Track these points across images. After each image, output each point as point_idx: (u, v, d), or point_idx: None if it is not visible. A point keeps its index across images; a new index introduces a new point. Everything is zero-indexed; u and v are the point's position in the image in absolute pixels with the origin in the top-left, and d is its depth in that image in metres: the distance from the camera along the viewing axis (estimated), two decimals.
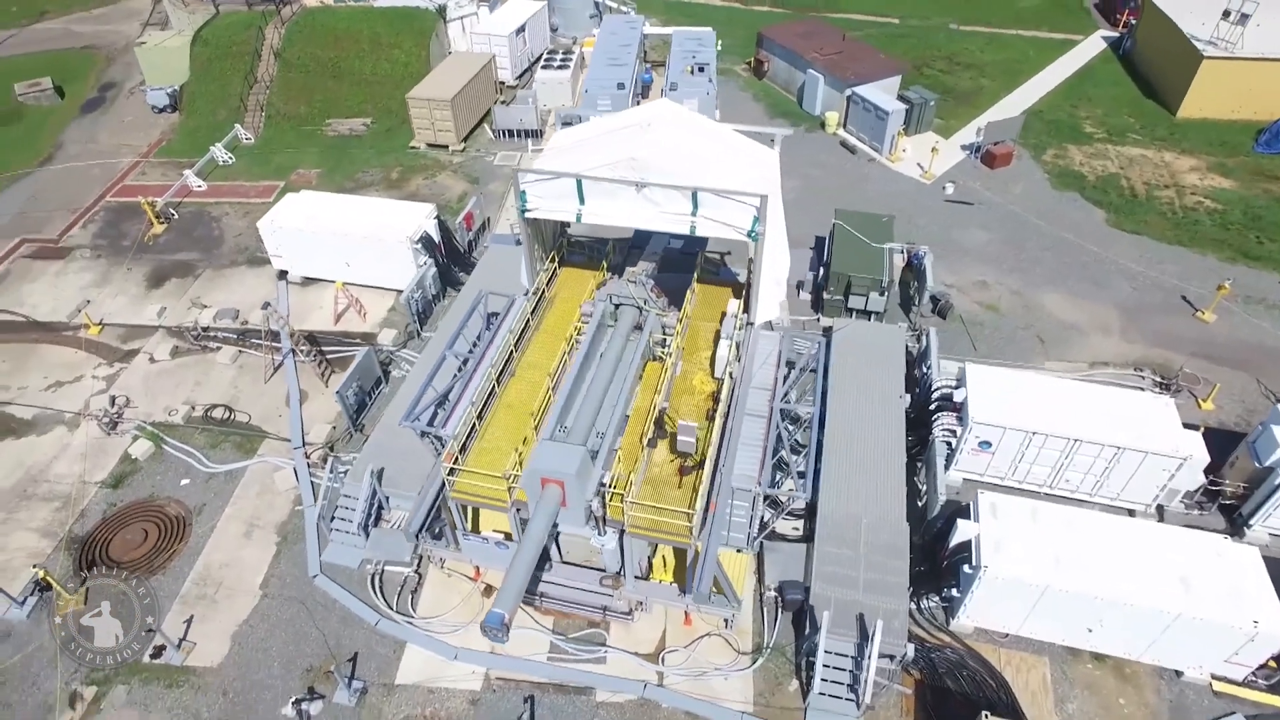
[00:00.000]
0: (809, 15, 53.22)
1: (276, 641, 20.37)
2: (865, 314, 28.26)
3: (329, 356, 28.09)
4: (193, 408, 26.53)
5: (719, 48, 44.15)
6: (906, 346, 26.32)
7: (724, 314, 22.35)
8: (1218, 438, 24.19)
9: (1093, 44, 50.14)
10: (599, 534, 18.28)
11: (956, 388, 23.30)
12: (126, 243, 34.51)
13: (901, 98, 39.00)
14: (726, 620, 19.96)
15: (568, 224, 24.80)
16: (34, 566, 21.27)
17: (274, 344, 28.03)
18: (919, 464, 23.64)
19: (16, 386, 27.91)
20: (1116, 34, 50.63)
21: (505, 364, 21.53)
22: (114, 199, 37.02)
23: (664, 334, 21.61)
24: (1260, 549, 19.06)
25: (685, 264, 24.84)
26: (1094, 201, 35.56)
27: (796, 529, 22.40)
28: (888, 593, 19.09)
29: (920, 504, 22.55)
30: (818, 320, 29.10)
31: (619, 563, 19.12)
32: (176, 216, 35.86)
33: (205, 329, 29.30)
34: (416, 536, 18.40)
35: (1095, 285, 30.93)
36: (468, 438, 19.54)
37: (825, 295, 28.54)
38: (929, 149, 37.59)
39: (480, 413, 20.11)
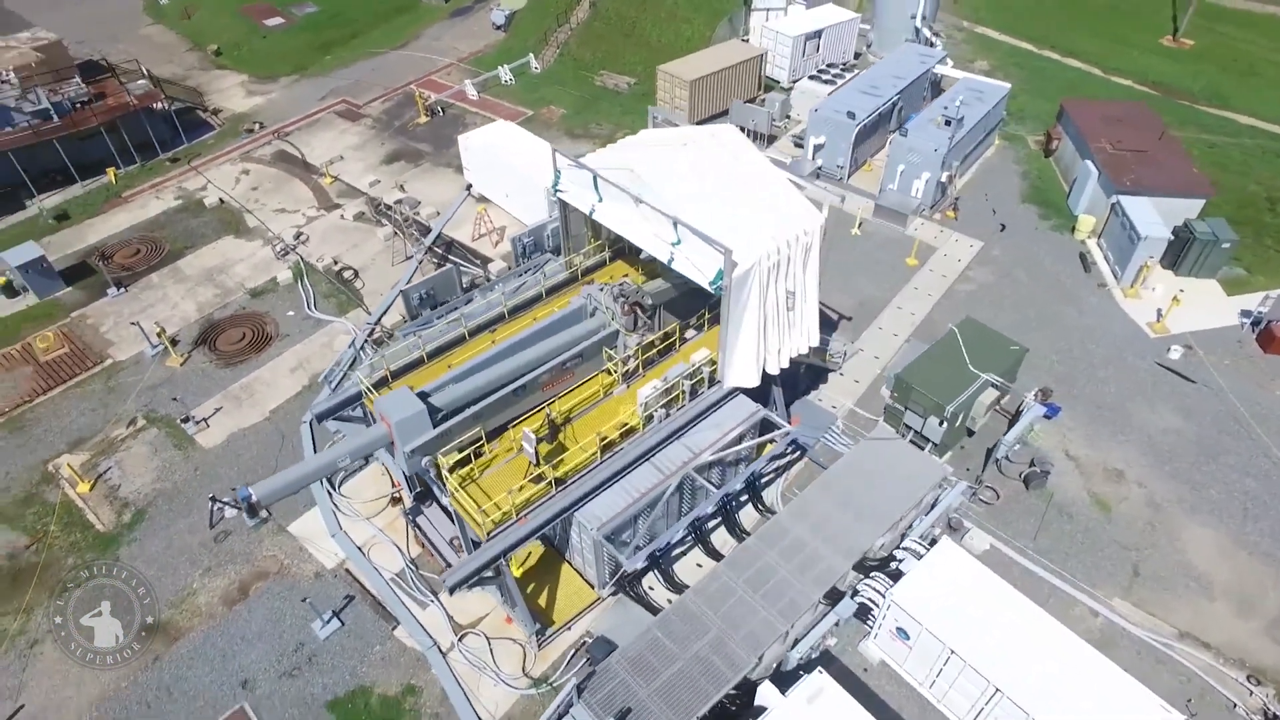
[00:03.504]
0: (1175, 100, 43.44)
1: (247, 454, 24.96)
2: (921, 439, 24.07)
3: (455, 263, 31.87)
4: (335, 261, 32.35)
5: (1002, 113, 38.56)
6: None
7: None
8: None
9: None
10: (443, 492, 19.24)
11: (920, 556, 19.32)
12: (397, 124, 42.03)
13: (1184, 225, 30.66)
14: (536, 639, 19.75)
15: None
16: (155, 323, 28.57)
17: (415, 235, 32.69)
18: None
19: (262, 202, 36.41)
20: None
21: (497, 321, 23.01)
22: (415, 87, 44.87)
23: (624, 351, 21.07)
24: None
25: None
26: None
27: (677, 599, 20.94)
28: (674, 708, 17.31)
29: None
30: (878, 422, 25.49)
31: None
32: (442, 115, 42.52)
33: (387, 206, 35.05)
34: (318, 420, 21.04)
35: None
36: (417, 365, 21.60)
37: (888, 400, 24.82)
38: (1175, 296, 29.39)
39: (439, 350, 21.95)
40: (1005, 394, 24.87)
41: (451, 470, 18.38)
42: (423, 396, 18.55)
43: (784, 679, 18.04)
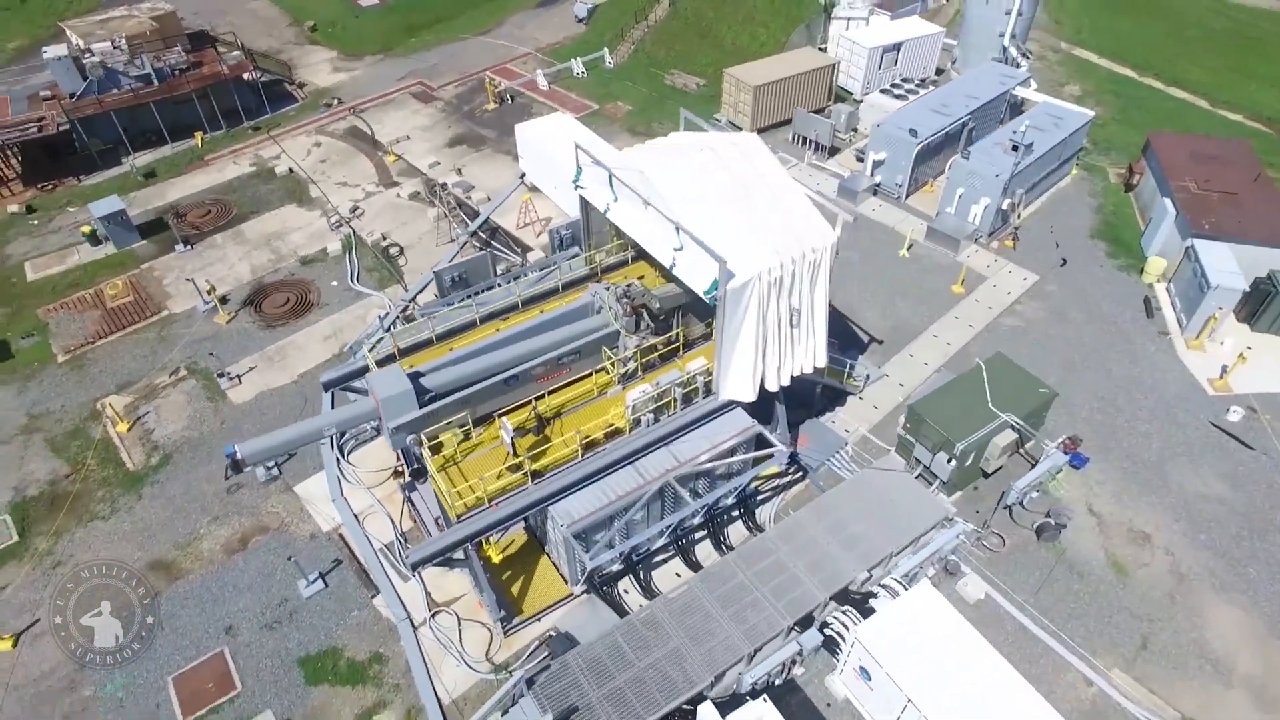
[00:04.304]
0: None
1: (271, 413, 26.19)
2: (930, 475, 23.08)
3: (492, 249, 32.59)
4: (384, 237, 33.51)
5: (1082, 141, 36.41)
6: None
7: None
8: None
9: None
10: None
11: (896, 596, 18.58)
12: (466, 108, 43.11)
13: (1267, 277, 28.19)
14: (503, 626, 20.03)
15: None
16: (207, 280, 30.28)
17: (462, 218, 33.53)
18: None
19: (327, 174, 38.05)
20: None
21: (510, 310, 23.31)
22: (489, 73, 45.90)
23: (623, 351, 21.00)
24: None
25: None
26: None
27: (644, 606, 20.84)
28: (622, 714, 17.25)
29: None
30: (889, 452, 24.60)
31: None
32: (510, 102, 43.35)
33: (442, 187, 36.02)
34: (325, 389, 21.82)
35: None
36: (426, 345, 22.15)
37: (900, 431, 23.88)
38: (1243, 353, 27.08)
39: (449, 333, 22.43)
40: (1029, 439, 23.56)
41: (434, 451, 18.83)
42: (417, 376, 19.04)
43: (735, 701, 17.67)
